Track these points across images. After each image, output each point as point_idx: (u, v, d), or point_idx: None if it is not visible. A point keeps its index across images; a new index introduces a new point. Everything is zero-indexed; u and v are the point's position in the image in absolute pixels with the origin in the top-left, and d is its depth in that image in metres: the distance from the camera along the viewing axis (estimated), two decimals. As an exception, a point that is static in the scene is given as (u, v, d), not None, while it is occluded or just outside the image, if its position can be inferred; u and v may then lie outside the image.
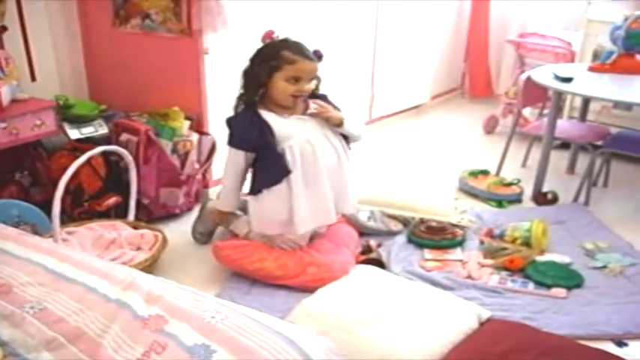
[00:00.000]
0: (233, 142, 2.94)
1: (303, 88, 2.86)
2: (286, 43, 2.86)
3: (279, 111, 2.90)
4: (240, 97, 2.94)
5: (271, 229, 2.97)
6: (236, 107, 2.96)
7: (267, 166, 2.88)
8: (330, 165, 2.92)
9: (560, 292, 2.81)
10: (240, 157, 2.93)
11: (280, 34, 2.90)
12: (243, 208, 3.14)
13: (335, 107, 3.04)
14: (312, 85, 2.93)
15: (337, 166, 2.96)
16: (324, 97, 3.05)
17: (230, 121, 2.94)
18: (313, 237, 3.09)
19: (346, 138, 3.05)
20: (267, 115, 2.87)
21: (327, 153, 2.92)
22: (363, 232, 3.33)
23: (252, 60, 2.88)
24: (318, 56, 2.90)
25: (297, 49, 2.84)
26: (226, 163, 3.01)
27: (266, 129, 2.84)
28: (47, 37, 3.71)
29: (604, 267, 3.03)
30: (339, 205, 3.02)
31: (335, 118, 2.94)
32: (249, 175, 3.01)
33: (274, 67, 2.82)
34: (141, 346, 1.64)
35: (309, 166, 2.87)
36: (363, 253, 3.11)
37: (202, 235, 3.31)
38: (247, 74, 2.89)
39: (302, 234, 2.96)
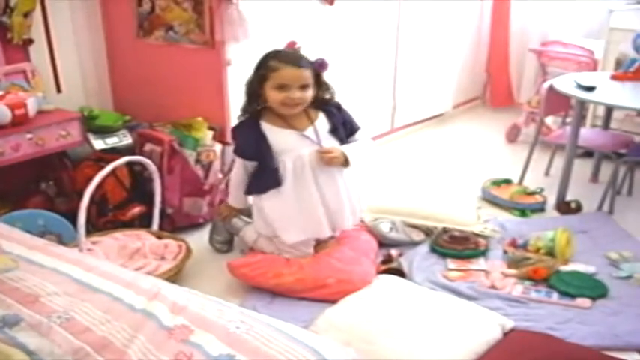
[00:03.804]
0: (235, 150, 3.10)
1: (291, 96, 2.82)
2: (276, 52, 2.87)
3: (280, 123, 2.93)
4: (243, 107, 2.99)
5: (267, 230, 3.05)
6: (240, 117, 3.02)
7: (260, 174, 2.98)
8: (323, 183, 2.97)
9: (584, 302, 2.79)
10: (242, 162, 3.05)
11: (302, 44, 2.91)
12: (250, 215, 3.18)
13: (349, 118, 3.08)
14: (309, 93, 2.87)
15: (332, 185, 3.00)
16: (337, 106, 3.05)
17: (234, 131, 3.10)
18: (320, 242, 3.12)
19: None
20: (267, 128, 2.93)
21: (321, 172, 2.95)
22: (384, 242, 3.32)
23: (253, 70, 2.92)
24: (319, 64, 2.89)
25: (285, 57, 2.84)
26: (235, 164, 3.14)
27: (262, 141, 2.91)
28: (72, 49, 3.76)
29: (629, 277, 3.00)
30: (335, 221, 3.07)
31: (338, 161, 2.93)
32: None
33: (262, 77, 2.85)
34: (166, 356, 1.65)
35: (300, 182, 2.94)
36: (384, 262, 3.10)
37: (222, 244, 3.33)
38: (247, 84, 2.95)
39: (303, 242, 3.02)
